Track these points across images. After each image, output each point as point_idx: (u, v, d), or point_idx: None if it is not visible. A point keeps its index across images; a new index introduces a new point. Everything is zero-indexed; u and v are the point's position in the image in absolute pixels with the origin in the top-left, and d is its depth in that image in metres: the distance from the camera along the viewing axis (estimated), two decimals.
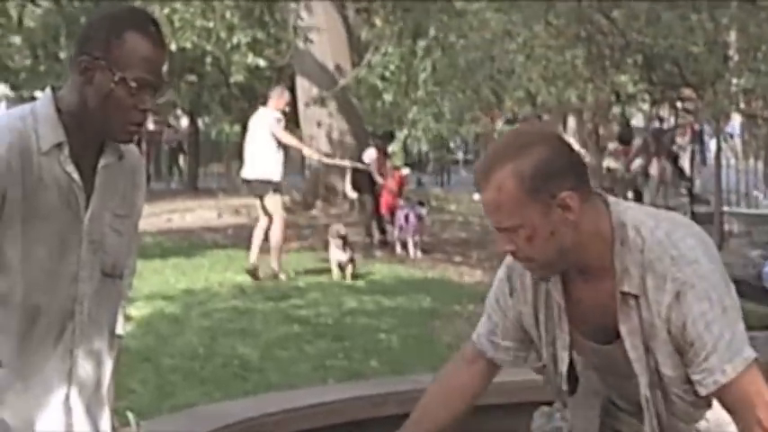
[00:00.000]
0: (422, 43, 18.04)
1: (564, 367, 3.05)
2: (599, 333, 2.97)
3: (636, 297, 2.86)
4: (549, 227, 2.81)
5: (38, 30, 24.40)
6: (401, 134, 18.78)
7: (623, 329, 2.90)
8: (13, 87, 29.43)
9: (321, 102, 20.80)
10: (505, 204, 2.80)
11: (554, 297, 3.01)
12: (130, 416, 3.06)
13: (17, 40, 25.08)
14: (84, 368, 3.01)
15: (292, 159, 32.68)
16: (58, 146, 2.89)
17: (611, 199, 2.94)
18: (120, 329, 3.20)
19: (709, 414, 3.00)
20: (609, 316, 2.92)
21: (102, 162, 2.97)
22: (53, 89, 2.98)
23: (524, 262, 2.93)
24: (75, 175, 2.91)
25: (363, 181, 17.68)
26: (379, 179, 17.45)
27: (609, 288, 2.89)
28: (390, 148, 19.01)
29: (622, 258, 2.86)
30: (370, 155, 17.90)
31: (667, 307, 2.82)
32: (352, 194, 18.22)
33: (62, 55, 24.68)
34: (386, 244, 16.69)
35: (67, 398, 2.99)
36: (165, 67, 2.96)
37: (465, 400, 3.25)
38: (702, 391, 2.85)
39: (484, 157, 2.91)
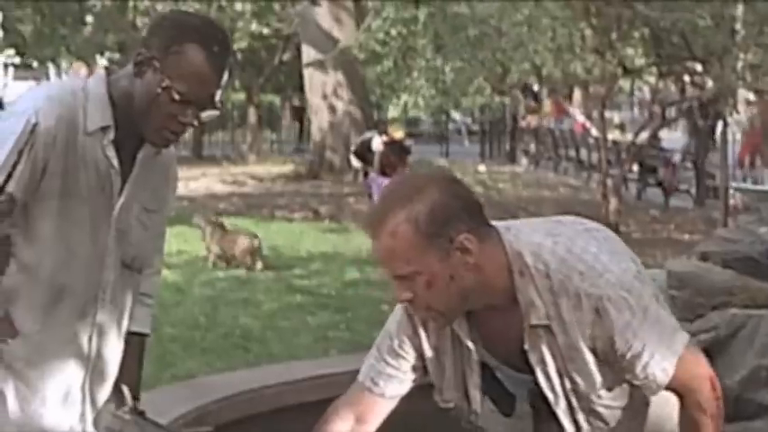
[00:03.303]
0: (424, 10, 17.88)
1: (478, 406, 2.96)
2: (517, 361, 2.87)
3: (546, 326, 2.78)
4: (449, 271, 2.72)
5: None
6: (401, 99, 18.65)
7: (533, 359, 2.83)
8: (20, 53, 29.36)
9: (320, 66, 20.67)
10: (401, 251, 2.71)
11: (461, 338, 2.90)
12: (125, 390, 3.01)
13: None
14: (102, 357, 2.99)
15: (296, 128, 32.73)
16: (104, 129, 2.87)
17: (500, 228, 2.83)
18: (147, 328, 3.17)
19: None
20: (522, 346, 2.85)
21: (141, 153, 2.94)
22: (107, 70, 2.95)
23: (423, 311, 2.83)
24: (115, 161, 2.89)
25: (367, 151, 17.60)
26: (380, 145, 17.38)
27: (519, 320, 2.80)
28: (390, 114, 18.90)
29: (524, 290, 2.77)
30: (377, 145, 17.74)
31: (590, 325, 2.75)
32: (357, 164, 18.17)
33: (68, 19, 24.55)
34: None
35: (84, 384, 2.97)
36: (219, 92, 2.86)
37: None
38: (649, 393, 2.85)
39: (375, 204, 2.82)
